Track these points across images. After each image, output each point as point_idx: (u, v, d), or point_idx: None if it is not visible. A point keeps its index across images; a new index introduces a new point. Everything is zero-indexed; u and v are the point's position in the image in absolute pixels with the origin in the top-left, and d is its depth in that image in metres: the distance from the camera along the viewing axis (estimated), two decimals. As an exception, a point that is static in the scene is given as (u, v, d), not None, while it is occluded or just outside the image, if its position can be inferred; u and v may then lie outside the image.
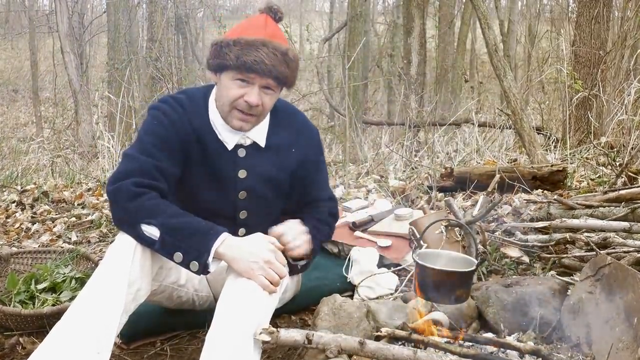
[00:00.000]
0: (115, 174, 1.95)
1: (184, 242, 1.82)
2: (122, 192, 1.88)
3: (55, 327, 1.76)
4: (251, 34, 1.98)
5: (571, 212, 3.20)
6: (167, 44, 13.54)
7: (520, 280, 2.34)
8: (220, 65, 2.01)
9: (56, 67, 15.38)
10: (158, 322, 2.38)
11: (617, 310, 1.91)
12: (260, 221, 2.17)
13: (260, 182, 2.15)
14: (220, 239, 1.83)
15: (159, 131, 2.03)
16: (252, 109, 2.01)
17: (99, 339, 1.73)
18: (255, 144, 2.15)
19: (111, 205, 1.95)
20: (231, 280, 1.88)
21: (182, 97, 2.13)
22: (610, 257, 2.09)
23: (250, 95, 1.99)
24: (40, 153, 9.01)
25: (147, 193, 1.89)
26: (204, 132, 2.09)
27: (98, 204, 4.71)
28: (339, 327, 2.11)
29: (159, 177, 1.96)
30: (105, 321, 1.76)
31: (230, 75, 2.00)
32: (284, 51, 2.00)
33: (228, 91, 2.01)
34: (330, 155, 8.54)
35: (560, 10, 13.40)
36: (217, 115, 2.10)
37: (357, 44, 9.52)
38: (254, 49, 1.95)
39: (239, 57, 1.95)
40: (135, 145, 2.03)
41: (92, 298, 1.80)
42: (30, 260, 2.97)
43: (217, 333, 1.76)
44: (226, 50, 1.97)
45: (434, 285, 1.99)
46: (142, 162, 1.95)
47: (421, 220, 2.96)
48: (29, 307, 2.53)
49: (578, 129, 7.13)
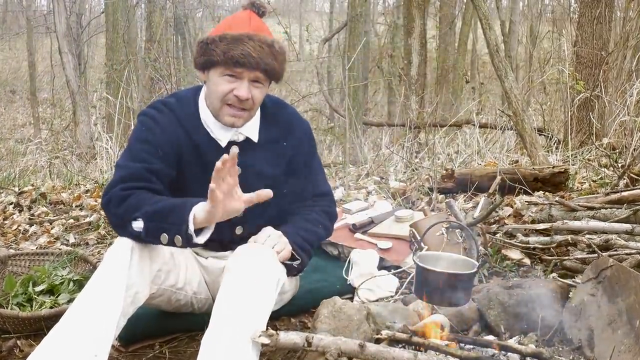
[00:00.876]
0: (107, 187, 1.99)
1: (164, 222, 1.82)
2: (112, 200, 1.92)
3: (53, 329, 1.76)
4: (236, 30, 2.01)
5: (573, 213, 3.20)
6: (165, 45, 13.53)
7: (522, 283, 2.34)
8: (207, 62, 2.03)
9: (54, 68, 15.39)
10: (156, 324, 2.38)
11: (619, 313, 1.91)
12: (256, 219, 2.19)
13: (255, 178, 2.16)
14: (196, 207, 1.82)
15: (148, 137, 2.06)
16: (243, 103, 2.04)
17: (96, 341, 1.73)
18: (247, 140, 2.17)
19: (106, 215, 1.99)
20: (227, 282, 1.89)
21: (171, 100, 2.17)
22: (612, 259, 2.09)
23: (240, 89, 2.02)
24: (38, 154, 9.02)
25: (134, 193, 1.91)
26: (196, 132, 2.12)
27: (96, 205, 4.71)
28: (339, 330, 2.11)
29: (151, 178, 1.98)
30: (103, 324, 1.77)
31: (219, 72, 2.02)
32: (270, 43, 2.03)
33: (217, 87, 2.04)
34: (330, 156, 8.55)
35: (562, 11, 13.41)
36: (208, 114, 2.13)
37: (357, 45, 9.53)
38: (240, 43, 1.98)
39: (225, 52, 1.98)
40: (125, 154, 2.06)
41: (90, 301, 1.81)
42: (27, 262, 2.97)
43: (213, 336, 1.77)
44: (212, 46, 2.00)
45: (435, 287, 1.99)
46: (133, 168, 1.98)
47: (422, 222, 2.96)
48: (27, 309, 2.53)
49: (580, 130, 7.13)
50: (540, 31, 14.77)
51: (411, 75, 9.41)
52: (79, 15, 14.33)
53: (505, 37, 14.39)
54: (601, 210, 3.12)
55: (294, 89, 10.77)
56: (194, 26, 17.17)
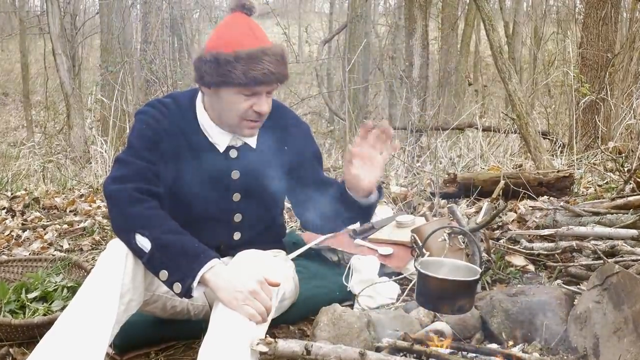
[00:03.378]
0: (113, 176, 1.99)
1: (171, 261, 1.83)
2: (122, 197, 1.92)
3: (45, 337, 1.77)
4: (247, 45, 1.98)
5: (578, 219, 3.21)
6: (161, 46, 13.55)
7: (526, 290, 2.35)
8: (224, 83, 2.00)
9: (47, 70, 15.38)
10: (152, 332, 2.38)
11: (625, 321, 1.91)
12: (254, 225, 2.23)
13: (254, 182, 2.18)
14: (208, 264, 1.83)
15: (149, 135, 2.07)
16: (262, 116, 2.07)
17: (90, 349, 1.74)
18: (246, 145, 2.19)
19: (110, 208, 1.98)
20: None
21: (168, 100, 2.17)
22: (618, 266, 2.09)
23: (261, 105, 2.03)
24: (31, 158, 9.00)
25: (148, 201, 1.92)
26: (194, 136, 2.14)
27: (90, 210, 4.71)
28: (339, 338, 2.11)
29: (155, 180, 2.00)
30: (96, 332, 1.77)
31: (235, 90, 2.01)
32: (281, 53, 2.04)
33: (235, 105, 2.03)
34: (330, 160, 8.54)
35: (567, 12, 13.44)
36: (207, 119, 2.14)
37: (358, 46, 9.56)
38: (258, 61, 1.96)
39: (245, 73, 1.95)
40: (127, 150, 2.06)
41: (83, 308, 1.81)
42: (20, 268, 2.97)
43: (211, 344, 1.77)
44: (228, 67, 1.96)
45: (437, 294, 1.99)
46: (138, 166, 1.99)
47: (423, 227, 2.96)
48: (19, 316, 2.53)
49: (585, 133, 7.14)
50: (544, 32, 14.80)
51: (413, 77, 9.42)
52: (73, 16, 14.31)
53: (509, 38, 14.41)
54: (607, 215, 3.13)
55: (292, 92, 10.79)
56: (190, 27, 17.17)
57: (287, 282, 2.25)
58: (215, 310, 1.85)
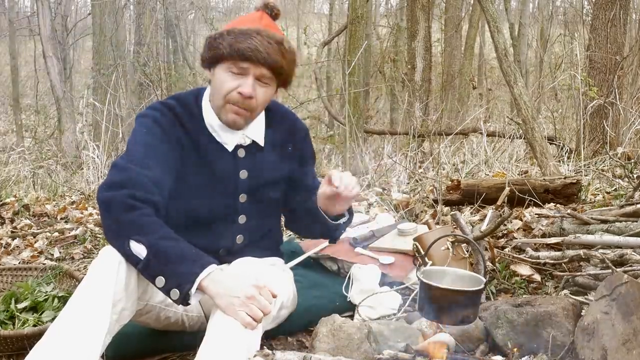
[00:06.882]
0: (107, 182, 1.98)
1: (168, 267, 1.83)
2: (116, 203, 1.91)
3: (35, 348, 1.77)
4: (245, 25, 2.06)
5: (585, 227, 3.21)
6: (155, 48, 13.60)
7: (532, 300, 2.35)
8: (213, 57, 2.08)
9: (38, 73, 15.43)
10: (147, 343, 2.38)
11: (634, 332, 1.91)
12: (257, 228, 2.26)
13: (261, 183, 2.23)
14: (206, 271, 1.84)
15: (149, 140, 2.06)
16: (246, 101, 2.07)
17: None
18: (254, 143, 2.22)
19: (103, 214, 1.97)
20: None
21: (172, 102, 2.18)
22: (627, 275, 2.09)
23: (244, 86, 2.05)
24: (21, 164, 9.01)
25: (142, 208, 1.91)
26: (200, 136, 2.15)
27: (82, 218, 4.71)
28: (339, 349, 2.12)
29: (152, 189, 1.98)
30: (88, 342, 1.77)
31: (224, 67, 2.06)
32: (279, 40, 2.08)
33: (222, 84, 2.07)
34: (330, 166, 8.56)
35: (574, 13, 13.50)
36: (213, 117, 2.16)
37: (358, 48, 9.55)
38: (248, 37, 2.02)
39: (232, 45, 2.02)
40: (125, 155, 2.06)
41: (74, 317, 1.81)
42: (10, 277, 2.97)
43: (207, 354, 1.77)
44: (219, 40, 2.05)
45: (440, 305, 2.00)
46: (135, 173, 1.98)
47: (426, 235, 2.96)
48: (9, 327, 2.53)
49: (593, 138, 7.15)
50: (551, 34, 14.85)
51: (415, 80, 9.45)
52: (65, 17, 14.38)
53: (515, 40, 14.47)
54: (615, 223, 3.13)
55: (291, 95, 10.80)
56: (185, 29, 17.25)
57: (285, 291, 2.26)
58: (212, 319, 1.85)
